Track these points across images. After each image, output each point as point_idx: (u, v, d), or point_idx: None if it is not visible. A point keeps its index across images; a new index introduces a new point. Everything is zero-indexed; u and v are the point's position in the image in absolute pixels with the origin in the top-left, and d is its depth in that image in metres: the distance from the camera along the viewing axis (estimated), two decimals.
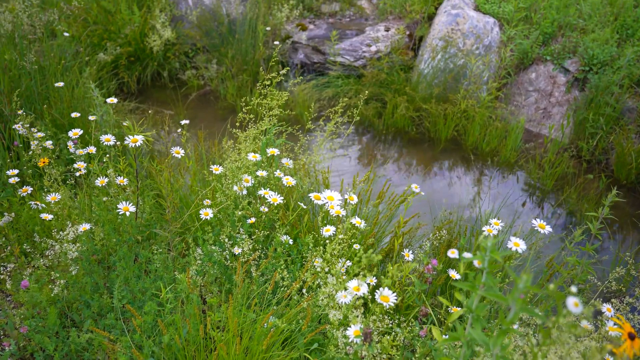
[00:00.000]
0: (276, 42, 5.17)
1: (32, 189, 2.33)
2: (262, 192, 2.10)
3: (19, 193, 2.23)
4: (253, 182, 2.38)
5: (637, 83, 4.02)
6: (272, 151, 2.32)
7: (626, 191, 3.71)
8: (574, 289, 1.01)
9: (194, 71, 5.22)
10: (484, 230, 1.97)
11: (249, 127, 2.58)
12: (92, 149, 2.38)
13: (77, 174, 2.40)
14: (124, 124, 2.17)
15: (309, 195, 1.93)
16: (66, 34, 4.29)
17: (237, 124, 2.59)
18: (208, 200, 2.45)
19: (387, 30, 5.31)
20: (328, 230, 1.84)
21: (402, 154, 4.27)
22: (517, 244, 1.57)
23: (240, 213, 2.33)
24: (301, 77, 5.12)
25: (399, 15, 5.43)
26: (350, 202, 2.06)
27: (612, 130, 3.92)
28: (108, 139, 2.40)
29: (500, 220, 2.00)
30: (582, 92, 4.28)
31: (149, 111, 4.49)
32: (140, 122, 2.74)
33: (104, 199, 2.46)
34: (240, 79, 4.98)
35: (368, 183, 2.47)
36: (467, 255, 1.19)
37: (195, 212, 2.46)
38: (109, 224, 2.23)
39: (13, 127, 2.53)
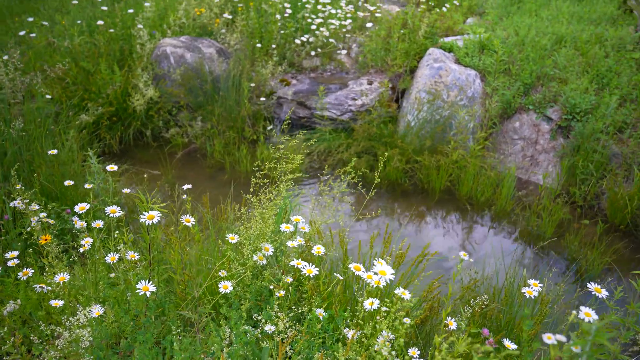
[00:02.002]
0: (262, 99, 5.18)
1: (32, 270, 2.15)
2: (294, 262, 1.98)
3: (20, 277, 2.04)
4: (273, 250, 2.27)
5: (620, 130, 4.18)
6: (297, 218, 2.23)
7: (622, 235, 3.78)
8: None
9: (177, 129, 5.12)
10: (523, 292, 1.91)
11: (261, 190, 2.49)
12: (99, 223, 2.23)
13: (81, 249, 2.23)
14: (132, 194, 2.04)
15: (349, 266, 1.83)
16: (48, 97, 4.14)
17: (251, 189, 2.49)
18: (223, 271, 2.32)
19: (370, 83, 5.40)
20: (372, 304, 1.74)
21: (397, 207, 4.25)
22: (588, 314, 1.52)
23: (262, 284, 2.20)
24: (289, 134, 5.10)
25: (380, 69, 5.55)
26: (380, 266, 1.98)
27: (601, 176, 4.03)
28: (114, 211, 2.26)
29: (538, 281, 1.96)
30: (567, 139, 4.41)
31: (144, 175, 4.33)
32: (131, 185, 2.60)
33: (111, 275, 2.30)
34: (227, 136, 4.91)
35: (388, 246, 2.40)
36: (560, 337, 1.12)
37: (210, 285, 2.31)
38: (122, 304, 2.06)
39: (12, 204, 2.35)
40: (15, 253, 2.06)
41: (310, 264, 1.95)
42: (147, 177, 4.32)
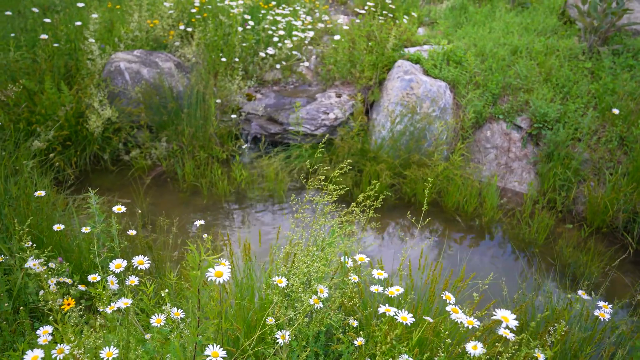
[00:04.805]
0: (233, 115, 4.91)
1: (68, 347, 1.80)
2: (382, 308, 1.82)
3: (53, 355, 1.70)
4: (327, 292, 2.10)
5: (579, 138, 4.43)
6: (362, 257, 2.08)
7: (602, 236, 3.99)
8: None
9: (138, 151, 4.70)
10: (597, 315, 1.91)
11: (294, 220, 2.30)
12: (133, 280, 1.93)
13: (109, 310, 1.93)
14: (139, 236, 1.78)
15: (447, 309, 1.72)
16: None
17: (293, 225, 2.29)
18: (271, 319, 2.11)
19: (338, 96, 5.32)
20: (475, 348, 1.64)
21: (388, 222, 4.19)
22: None
23: (320, 328, 2.03)
24: (263, 152, 4.88)
25: (346, 81, 5.49)
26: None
27: (576, 181, 4.24)
28: (141, 262, 1.99)
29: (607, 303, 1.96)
30: (538, 147, 4.60)
31: (123, 206, 3.90)
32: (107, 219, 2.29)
33: (147, 336, 2.01)
34: (198, 157, 4.59)
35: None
36: None
37: (260, 336, 2.09)
38: None
39: (26, 265, 1.97)
40: (49, 328, 1.71)
41: (406, 311, 1.81)
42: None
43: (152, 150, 4.69)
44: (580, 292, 2.28)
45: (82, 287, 2.39)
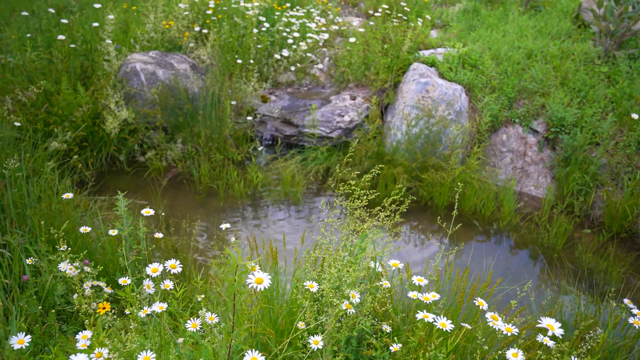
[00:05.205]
0: (249, 118, 4.91)
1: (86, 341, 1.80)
2: (420, 315, 1.81)
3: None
4: (359, 297, 2.10)
5: (598, 142, 4.42)
6: (395, 263, 2.07)
7: (621, 242, 3.98)
8: None
9: (153, 152, 4.70)
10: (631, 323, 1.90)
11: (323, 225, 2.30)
12: (168, 284, 1.93)
13: (142, 314, 1.93)
14: (166, 238, 1.78)
15: (487, 316, 1.71)
16: (17, 124, 3.62)
17: (322, 231, 2.29)
18: (302, 323, 2.11)
19: (353, 98, 5.31)
20: (516, 355, 1.63)
21: (406, 225, 4.19)
22: None
23: (351, 334, 2.02)
24: (279, 154, 4.87)
25: (361, 84, 5.48)
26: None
27: (594, 186, 4.23)
28: (173, 266, 1.99)
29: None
30: (554, 151, 4.59)
31: (141, 209, 3.91)
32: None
33: (179, 340, 2.00)
34: (213, 159, 4.59)
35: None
36: None
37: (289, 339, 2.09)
38: None
39: (59, 266, 1.97)
40: (88, 333, 1.70)
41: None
42: (137, 208, 3.91)
43: (168, 152, 4.69)
44: (626, 300, 2.24)
45: (108, 290, 2.39)
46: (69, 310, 2.44)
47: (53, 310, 2.20)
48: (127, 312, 2.03)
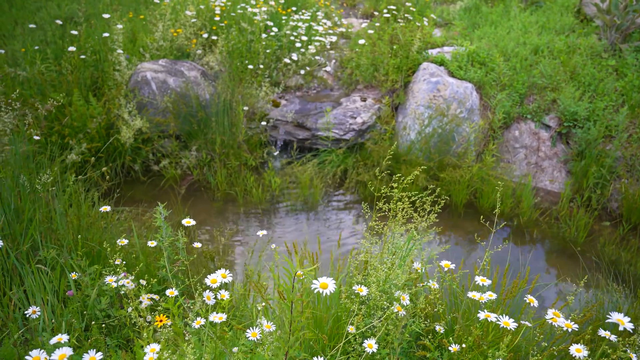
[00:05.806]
0: (263, 122, 4.91)
1: None
2: (482, 314, 1.81)
3: None
4: (408, 299, 2.10)
5: (611, 135, 4.46)
6: (447, 264, 2.08)
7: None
8: None
9: (167, 160, 4.68)
10: None
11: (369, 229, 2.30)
12: (223, 294, 1.92)
13: (196, 325, 1.93)
14: (203, 249, 1.78)
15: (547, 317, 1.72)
16: (36, 137, 3.60)
17: (367, 235, 2.29)
18: (352, 327, 2.11)
19: (363, 100, 5.32)
20: (579, 350, 1.65)
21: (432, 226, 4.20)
22: None
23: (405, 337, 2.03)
24: (294, 158, 4.87)
25: (370, 85, 5.49)
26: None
27: (611, 179, 4.27)
28: (224, 275, 1.99)
29: None
30: (567, 146, 4.63)
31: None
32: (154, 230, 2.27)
33: (234, 349, 2.00)
34: (229, 165, 4.58)
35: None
36: None
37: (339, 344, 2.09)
38: None
39: (106, 280, 1.95)
40: (157, 347, 1.69)
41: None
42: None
43: (183, 159, 4.67)
44: None
45: (147, 301, 2.38)
46: (111, 324, 2.43)
47: (93, 323, 2.18)
48: (186, 321, 2.03)
